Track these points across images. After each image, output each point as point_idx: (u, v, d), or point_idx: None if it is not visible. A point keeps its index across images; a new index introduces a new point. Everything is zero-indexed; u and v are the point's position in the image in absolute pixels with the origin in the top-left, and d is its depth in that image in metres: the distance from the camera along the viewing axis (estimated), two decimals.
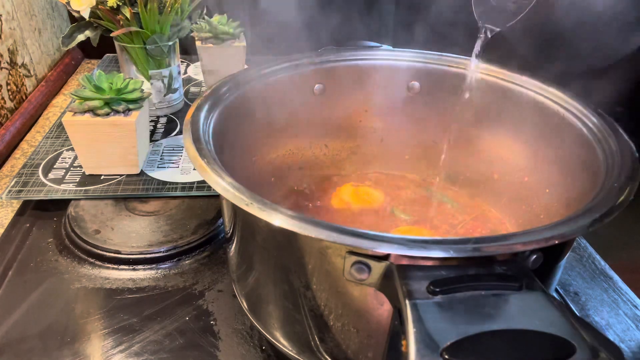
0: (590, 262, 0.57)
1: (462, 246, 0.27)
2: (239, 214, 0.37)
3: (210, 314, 0.47)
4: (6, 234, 0.56)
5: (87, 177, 0.63)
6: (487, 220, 0.53)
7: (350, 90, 0.55)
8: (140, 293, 0.49)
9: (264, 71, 0.50)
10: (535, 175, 0.48)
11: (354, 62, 0.54)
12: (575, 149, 0.43)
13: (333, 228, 0.28)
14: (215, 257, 0.54)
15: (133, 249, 0.53)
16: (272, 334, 0.39)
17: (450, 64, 0.53)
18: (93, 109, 0.59)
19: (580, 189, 0.39)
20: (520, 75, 0.49)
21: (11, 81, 0.79)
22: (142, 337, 0.45)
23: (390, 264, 0.28)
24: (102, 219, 0.57)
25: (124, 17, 0.69)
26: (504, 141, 0.51)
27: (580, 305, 0.51)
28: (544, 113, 0.47)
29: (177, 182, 0.63)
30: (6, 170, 0.69)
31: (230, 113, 0.46)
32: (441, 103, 0.54)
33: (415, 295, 0.26)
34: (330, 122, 0.56)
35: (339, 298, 0.33)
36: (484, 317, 0.25)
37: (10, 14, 0.81)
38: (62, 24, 1.03)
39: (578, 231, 0.30)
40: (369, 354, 0.34)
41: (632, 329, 0.48)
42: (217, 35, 0.82)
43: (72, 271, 0.52)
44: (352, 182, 0.58)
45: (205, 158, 0.35)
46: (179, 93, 0.81)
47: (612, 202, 0.32)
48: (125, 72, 0.77)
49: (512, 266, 0.28)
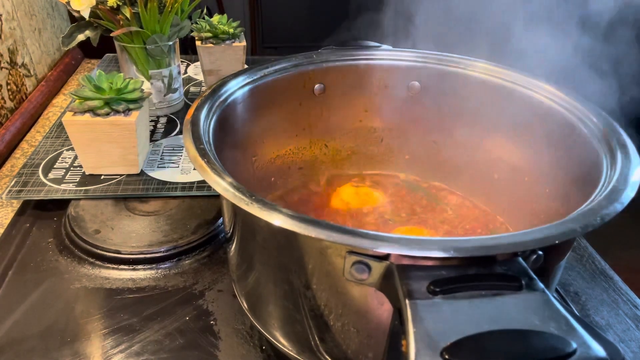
0: (590, 262, 0.57)
1: (462, 246, 0.27)
2: (239, 214, 0.37)
3: (210, 314, 0.47)
4: (6, 234, 0.56)
5: (87, 177, 0.63)
6: (487, 220, 0.53)
7: (350, 90, 0.55)
8: (140, 293, 0.49)
9: (264, 71, 0.50)
10: (535, 175, 0.48)
11: (354, 62, 0.54)
12: (575, 148, 0.43)
13: (333, 228, 0.28)
14: (215, 257, 0.54)
15: (133, 248, 0.53)
16: (272, 334, 0.40)
17: (450, 64, 0.53)
18: (93, 108, 0.59)
19: (581, 189, 0.39)
20: (520, 75, 0.49)
21: (11, 81, 0.79)
22: (142, 337, 0.45)
23: (391, 264, 0.28)
24: (102, 218, 0.57)
25: (124, 17, 0.69)
26: (504, 141, 0.51)
27: (580, 305, 0.51)
28: (544, 113, 0.47)
29: (177, 182, 0.63)
30: (6, 170, 0.69)
31: (231, 113, 0.46)
32: (441, 103, 0.54)
33: (415, 295, 0.26)
34: (330, 122, 0.56)
35: (339, 298, 0.33)
36: (484, 317, 0.25)
37: (10, 13, 0.81)
38: (62, 23, 1.03)
39: (578, 231, 0.30)
40: (369, 354, 0.34)
41: (632, 329, 0.48)
42: (217, 35, 0.82)
43: (72, 271, 0.52)
44: (352, 182, 0.58)
45: (205, 158, 0.35)
46: (179, 93, 0.81)
47: (612, 202, 0.32)
48: (125, 72, 0.77)
49: (512, 266, 0.28)
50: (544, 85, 0.47)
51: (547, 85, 0.47)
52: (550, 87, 0.47)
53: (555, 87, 0.46)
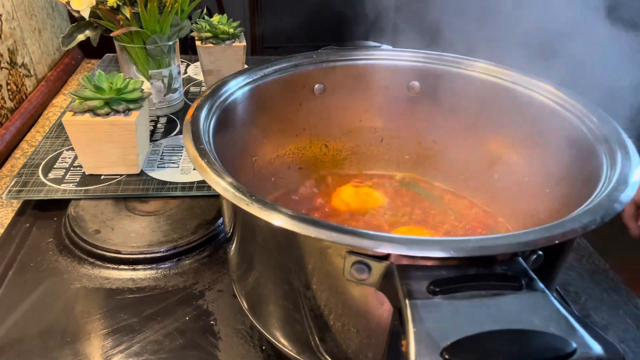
0: (590, 262, 0.57)
1: (462, 246, 0.27)
2: (239, 214, 0.37)
3: (210, 314, 0.47)
4: (6, 234, 0.56)
5: (87, 177, 0.63)
6: (487, 221, 0.53)
7: (350, 90, 0.55)
8: (140, 293, 0.49)
9: (264, 71, 0.50)
10: (535, 175, 0.48)
11: (354, 62, 0.54)
12: (575, 149, 0.43)
13: (333, 228, 0.28)
14: (215, 257, 0.54)
15: (133, 248, 0.53)
16: (272, 334, 0.40)
17: (450, 64, 0.53)
18: (93, 108, 0.59)
19: (581, 189, 0.39)
20: (520, 75, 0.49)
21: (11, 81, 0.79)
22: (142, 337, 0.45)
23: (391, 263, 0.28)
24: (102, 218, 0.57)
25: (124, 17, 0.69)
26: (504, 141, 0.51)
27: (580, 305, 0.51)
28: (544, 113, 0.47)
29: (177, 182, 0.63)
30: (6, 170, 0.69)
31: (231, 113, 0.46)
32: (441, 103, 0.54)
33: (415, 295, 0.26)
34: (330, 122, 0.56)
35: (339, 298, 0.33)
36: (484, 317, 0.25)
37: (10, 14, 0.81)
38: (62, 23, 1.03)
39: (578, 231, 0.30)
40: (369, 354, 0.34)
41: (632, 329, 0.48)
42: (217, 35, 0.82)
43: (72, 271, 0.52)
44: (352, 182, 0.58)
45: (205, 158, 0.35)
46: (179, 93, 0.81)
47: (612, 202, 0.32)
48: (125, 72, 0.77)
49: (512, 266, 0.28)
50: (544, 85, 0.47)
51: (547, 85, 0.47)
52: (550, 87, 0.47)
53: (555, 87, 0.46)
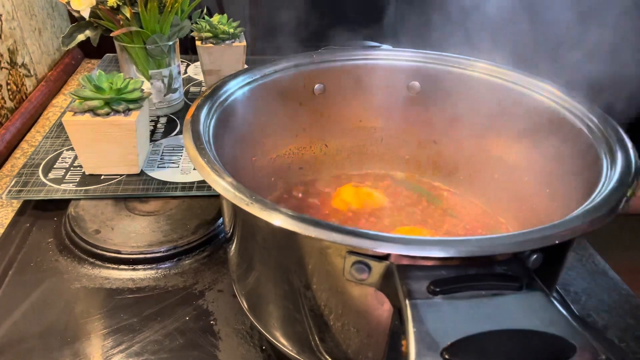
0: (590, 262, 0.57)
1: (462, 246, 0.27)
2: (239, 214, 0.37)
3: (210, 314, 0.47)
4: (6, 234, 0.56)
5: (87, 177, 0.63)
6: (487, 221, 0.53)
7: (350, 90, 0.55)
8: (140, 293, 0.49)
9: (264, 71, 0.50)
10: (535, 175, 0.48)
11: (354, 62, 0.54)
12: (575, 148, 0.43)
13: (333, 228, 0.28)
14: (215, 257, 0.54)
15: (133, 248, 0.53)
16: (272, 334, 0.39)
17: (450, 64, 0.53)
18: (93, 108, 0.59)
19: (581, 189, 0.39)
20: (520, 75, 0.49)
21: (11, 81, 0.79)
22: (142, 337, 0.45)
23: (391, 263, 0.28)
24: (102, 218, 0.57)
25: (124, 17, 0.69)
26: (504, 141, 0.51)
27: (580, 305, 0.51)
28: (544, 112, 0.47)
29: (177, 182, 0.63)
30: (6, 170, 0.69)
31: (231, 113, 0.46)
32: (441, 103, 0.54)
33: (415, 295, 0.26)
34: (330, 122, 0.56)
35: (339, 298, 0.33)
36: (484, 317, 0.25)
37: (10, 13, 0.81)
38: (62, 23, 1.03)
39: (578, 231, 0.30)
40: (369, 354, 0.34)
41: (632, 329, 0.48)
42: (217, 35, 0.82)
43: (72, 271, 0.52)
44: (352, 182, 0.58)
45: (205, 158, 0.35)
46: (179, 93, 0.81)
47: (612, 202, 0.32)
48: (125, 72, 0.77)
49: (512, 266, 0.28)
50: (544, 85, 0.47)
51: (547, 85, 0.47)
52: (550, 87, 0.47)
53: (555, 87, 0.46)
